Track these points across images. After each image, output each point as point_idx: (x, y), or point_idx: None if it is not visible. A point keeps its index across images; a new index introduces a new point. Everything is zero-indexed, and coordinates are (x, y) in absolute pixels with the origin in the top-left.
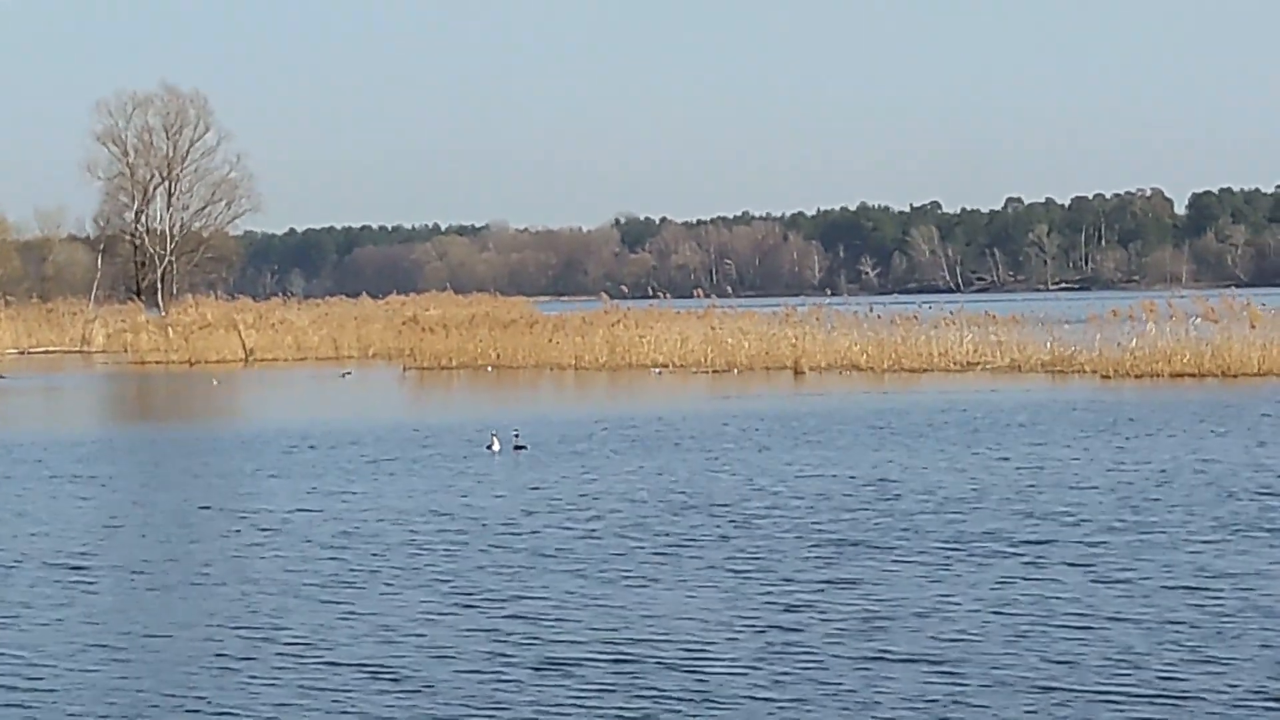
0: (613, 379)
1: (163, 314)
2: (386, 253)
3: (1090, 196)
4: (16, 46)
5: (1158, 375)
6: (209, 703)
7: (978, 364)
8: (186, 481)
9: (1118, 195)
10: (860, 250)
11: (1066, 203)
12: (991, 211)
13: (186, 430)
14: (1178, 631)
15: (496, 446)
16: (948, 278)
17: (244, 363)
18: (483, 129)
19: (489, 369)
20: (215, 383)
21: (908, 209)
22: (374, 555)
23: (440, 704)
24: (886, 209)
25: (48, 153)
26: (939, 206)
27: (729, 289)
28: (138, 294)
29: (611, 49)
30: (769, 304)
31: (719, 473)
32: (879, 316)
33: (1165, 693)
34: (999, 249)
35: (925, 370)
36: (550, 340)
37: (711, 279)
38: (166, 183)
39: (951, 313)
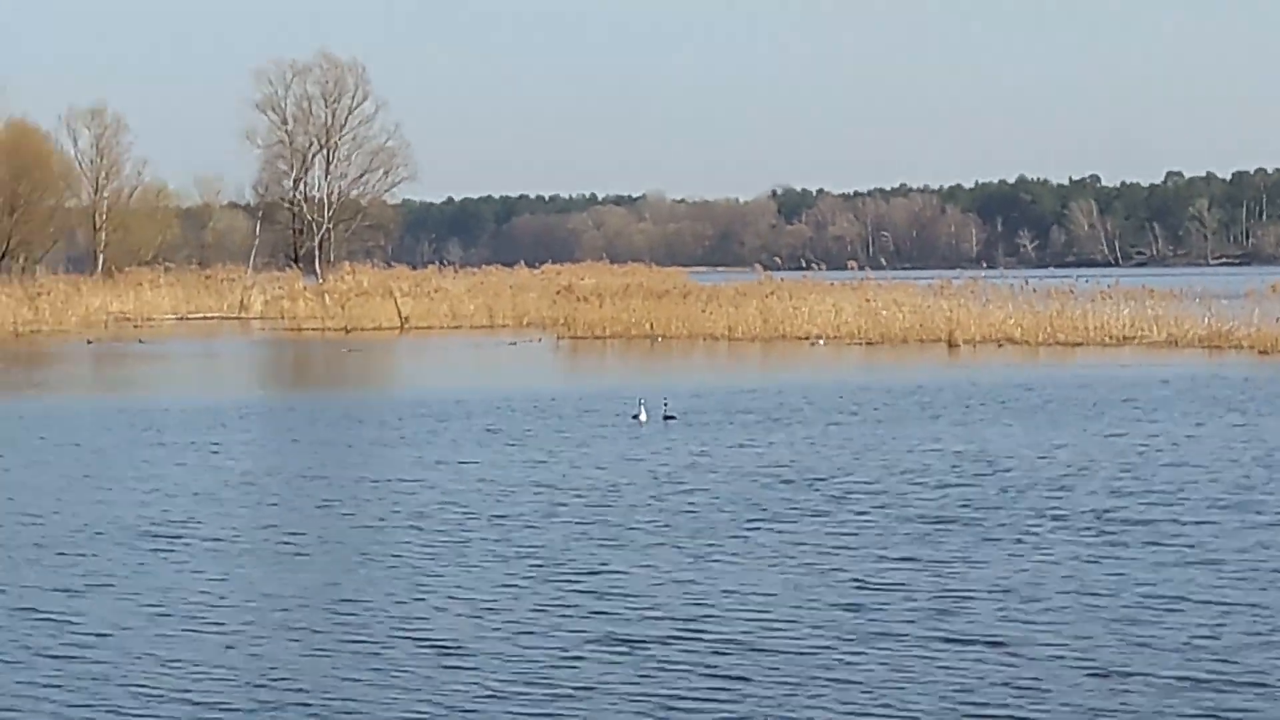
0: (766, 350)
1: (320, 281)
2: (543, 222)
3: (1252, 171)
4: (177, 15)
5: None
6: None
7: (1133, 338)
8: (318, 449)
9: (1279, 169)
10: (1018, 223)
11: (1228, 177)
12: (1151, 185)
13: (333, 397)
14: (1263, 619)
15: (644, 416)
16: (1106, 251)
17: (399, 330)
18: (640, 100)
19: (660, 338)
20: (346, 351)
21: (1067, 182)
22: (481, 526)
23: (499, 679)
24: (1045, 181)
25: (209, 121)
26: (1098, 179)
27: (884, 261)
28: (295, 261)
29: (769, 19)
30: (925, 276)
31: (848, 447)
32: (1034, 290)
33: (1248, 681)
34: (1158, 223)
35: (1080, 344)
36: (704, 311)
37: (867, 251)
38: (324, 151)
39: (1108, 287)
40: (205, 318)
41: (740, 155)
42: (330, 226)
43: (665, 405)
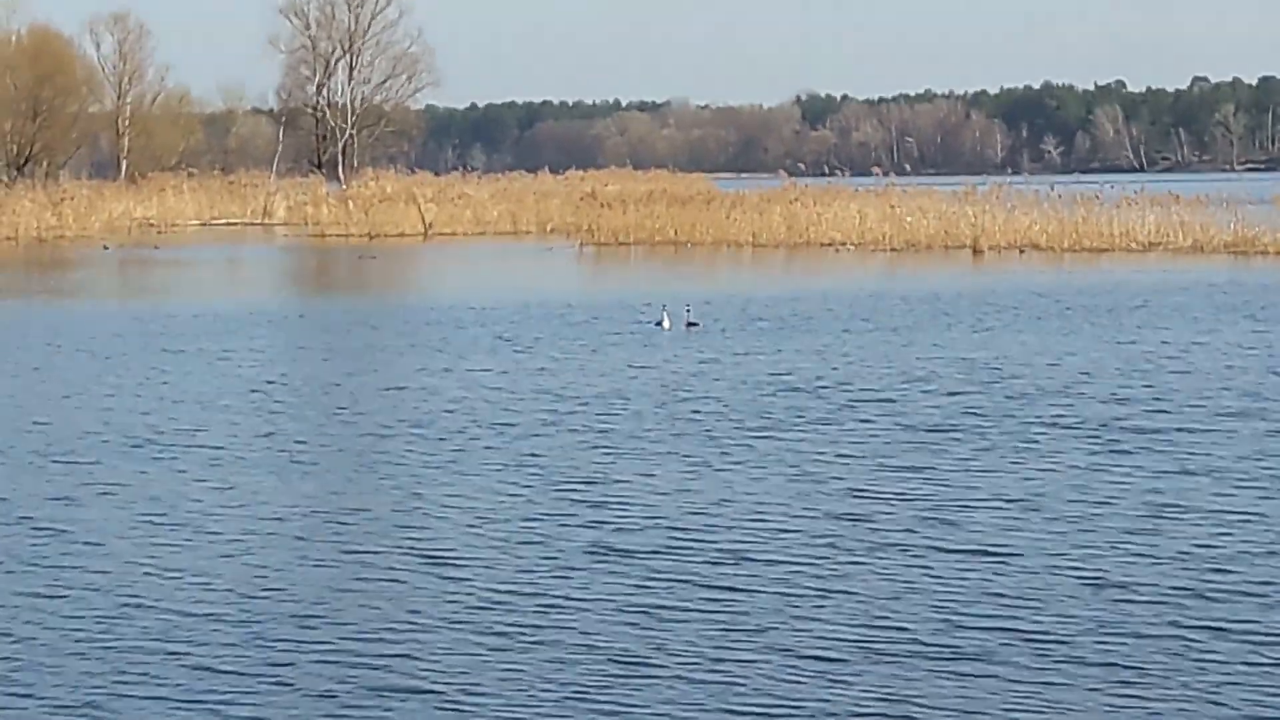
0: (790, 256)
1: (343, 187)
2: (567, 129)
3: (1278, 76)
4: None
5: None
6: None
7: (1159, 244)
8: (328, 356)
9: None
10: (1043, 129)
11: (1254, 82)
12: (1177, 91)
13: (349, 304)
14: (1261, 529)
15: (668, 324)
16: (1132, 157)
17: (423, 237)
18: (664, 4)
19: (685, 244)
20: (359, 257)
21: (1092, 88)
22: (483, 434)
23: (490, 589)
24: (1071, 87)
25: (232, 27)
26: (1124, 85)
27: (908, 168)
28: (319, 167)
29: None
30: (949, 183)
31: (860, 355)
32: (1060, 196)
33: (1245, 591)
34: (1184, 129)
35: (1106, 250)
36: (728, 217)
37: (892, 157)
38: (348, 56)
39: (1134, 193)
40: (229, 224)
41: (765, 61)
42: (354, 132)
43: (688, 312)
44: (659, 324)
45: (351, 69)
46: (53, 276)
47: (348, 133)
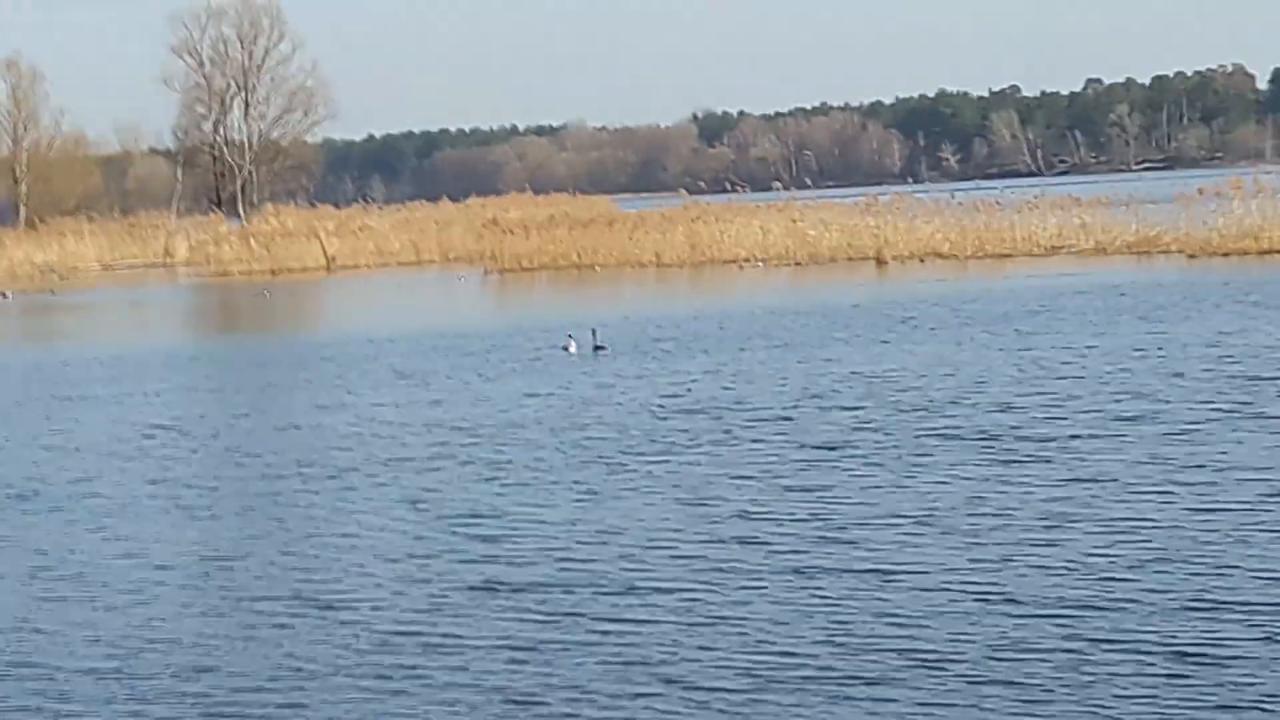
0: (695, 275)
1: (244, 224)
2: (465, 156)
3: (1171, 75)
4: None
5: (1246, 253)
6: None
7: (1062, 247)
8: (222, 397)
9: (1199, 73)
10: (940, 137)
11: (1147, 82)
12: (1071, 93)
13: (246, 343)
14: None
15: (574, 348)
16: (1029, 162)
17: (326, 270)
18: (556, 27)
19: (590, 267)
20: (256, 295)
21: (986, 94)
22: (373, 470)
23: (371, 631)
24: (965, 94)
25: (125, 67)
26: (1018, 90)
27: (808, 181)
28: (219, 205)
29: None
30: (850, 194)
31: (754, 374)
32: (960, 203)
33: (1130, 600)
34: (1080, 131)
35: (1009, 256)
36: (631, 239)
37: (791, 171)
38: (243, 93)
39: (1034, 197)
40: (131, 266)
41: (660, 80)
42: (252, 169)
43: (595, 336)
44: (565, 349)
45: (247, 105)
46: None
47: (246, 169)
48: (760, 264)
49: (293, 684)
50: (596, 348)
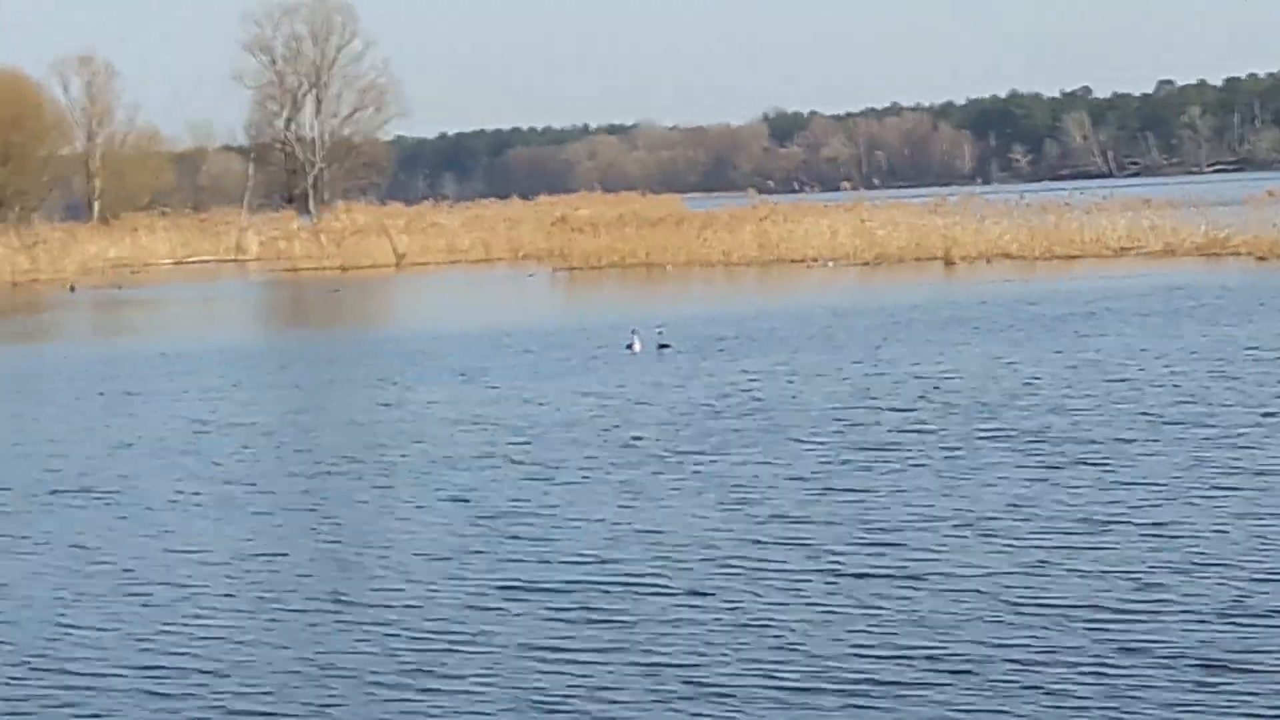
0: (762, 274)
1: (315, 221)
2: (537, 154)
3: (1244, 77)
4: None
5: None
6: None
7: (1131, 249)
8: (280, 393)
9: (1272, 75)
10: (1011, 138)
11: (1219, 83)
12: (1143, 95)
13: (310, 339)
14: (1175, 541)
15: (638, 346)
16: (1100, 163)
17: (395, 267)
18: (631, 26)
19: (660, 266)
20: (337, 291)
21: (1058, 95)
22: (420, 467)
23: (397, 631)
24: (1037, 95)
25: (198, 64)
26: (1090, 91)
27: (876, 181)
28: (290, 202)
29: None
30: (919, 195)
31: (810, 373)
32: (1029, 204)
33: (1165, 609)
34: (1151, 133)
35: (1077, 257)
36: (699, 238)
37: (861, 171)
38: (315, 90)
39: (1104, 198)
40: (202, 261)
41: (732, 79)
42: (323, 166)
43: (659, 334)
44: (629, 347)
45: (319, 103)
46: (13, 320)
47: (317, 166)
48: (828, 264)
49: (320, 683)
50: (661, 346)
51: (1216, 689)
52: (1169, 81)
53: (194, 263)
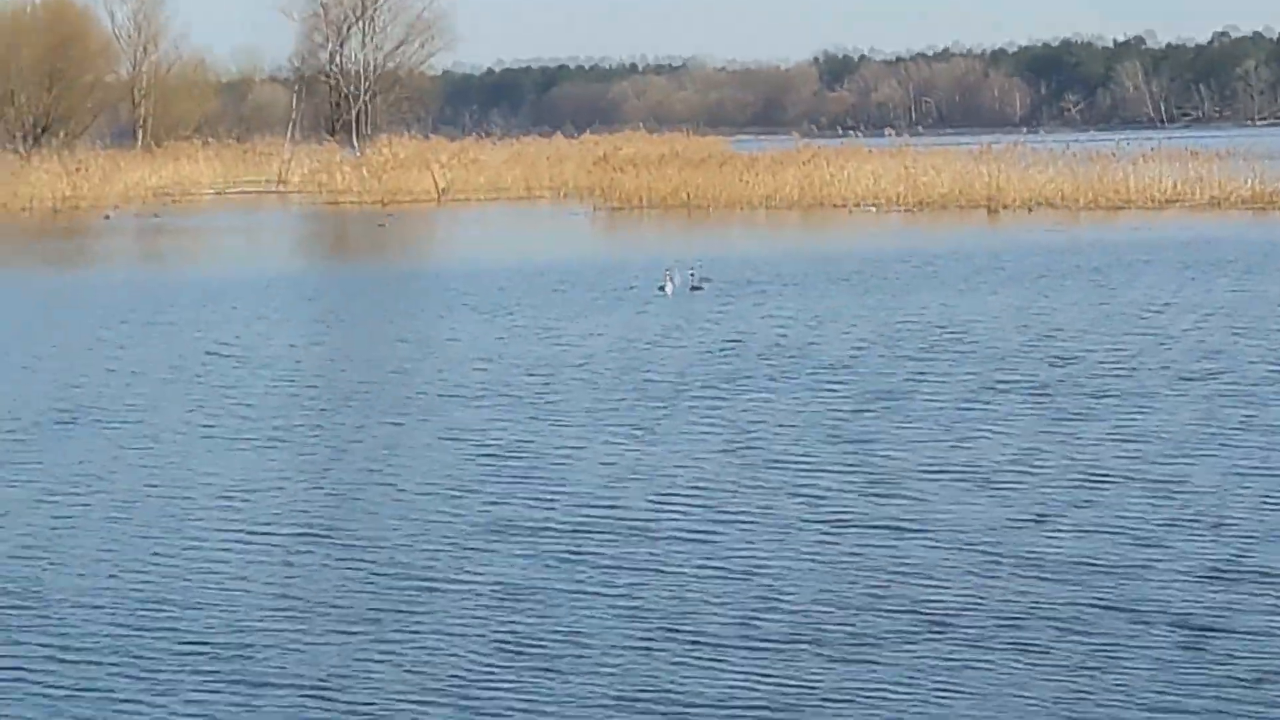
0: (804, 217)
1: (358, 153)
2: (585, 91)
3: None
4: None
5: None
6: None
7: (1177, 200)
8: (299, 325)
9: None
10: (1064, 85)
11: (1276, 35)
12: (1199, 45)
13: (340, 271)
14: (1179, 497)
15: (670, 287)
16: (1152, 113)
17: (437, 201)
18: None
19: (698, 206)
20: (383, 224)
21: (1112, 43)
22: (425, 403)
23: (381, 569)
24: (1091, 43)
25: None
26: (1144, 41)
27: (920, 129)
28: (334, 133)
29: None
30: (968, 141)
31: (836, 317)
32: (1077, 153)
33: (1161, 566)
34: (1206, 83)
35: (1122, 207)
36: (742, 179)
37: (911, 116)
38: (361, 22)
39: (1152, 148)
40: (243, 191)
41: (783, 20)
42: (368, 98)
43: (693, 275)
44: (661, 288)
45: (365, 35)
46: (46, 245)
47: (362, 98)
48: (871, 208)
49: (299, 618)
50: (694, 287)
51: (1201, 649)
52: (1225, 33)
53: (236, 192)
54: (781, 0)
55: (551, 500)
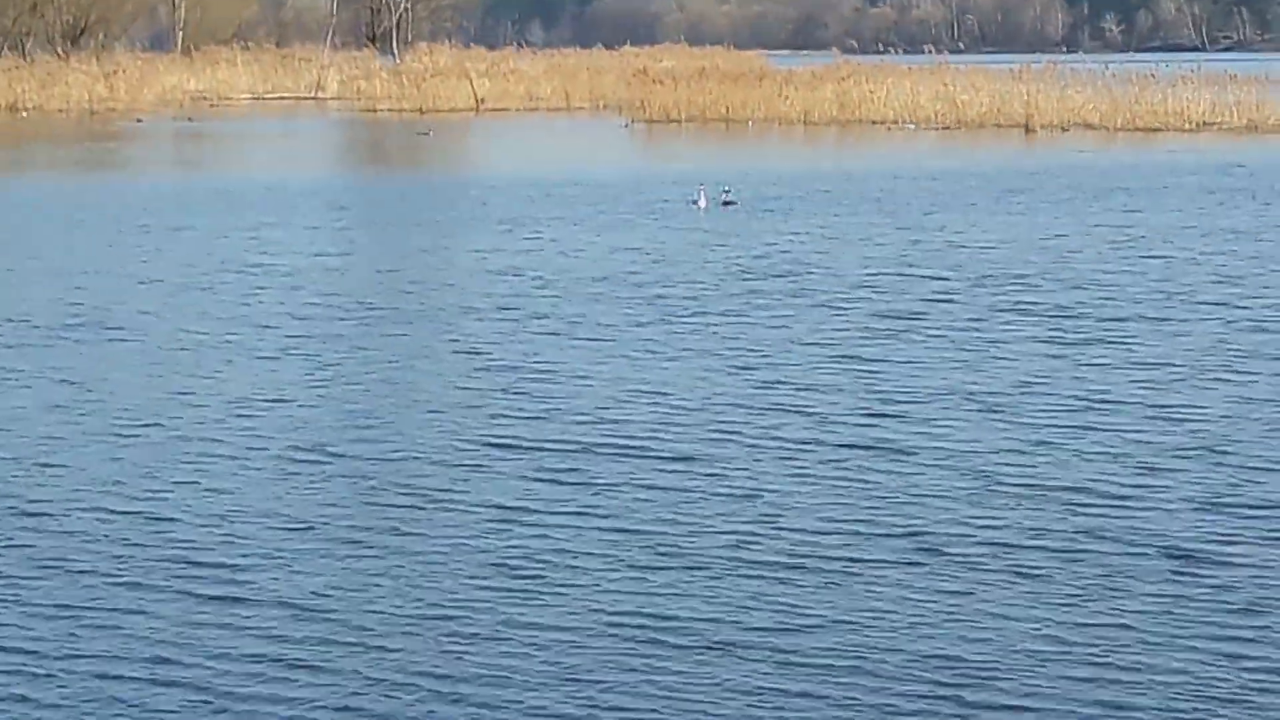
0: (841, 135)
1: (396, 62)
2: (626, 5)
3: None
4: None
5: None
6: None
7: (1214, 124)
8: (316, 234)
9: None
10: (1104, 7)
11: None
12: None
13: (367, 180)
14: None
15: (703, 202)
16: (1193, 35)
17: (474, 111)
18: None
19: (738, 121)
20: (427, 133)
21: None
22: (450, 317)
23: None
24: None
25: None
26: None
27: (963, 46)
28: (373, 41)
29: None
30: (1007, 61)
31: (855, 237)
32: (1115, 75)
33: (1150, 496)
34: (1246, 7)
35: (1158, 130)
36: (780, 95)
37: (952, 34)
38: None
39: (1190, 71)
40: (280, 98)
41: None
42: (407, 6)
43: (726, 192)
44: (694, 202)
45: None
46: (76, 149)
47: (402, 6)
48: (909, 126)
49: (285, 537)
50: (725, 203)
51: (1196, 579)
52: None
53: (272, 98)
54: None
55: (552, 419)
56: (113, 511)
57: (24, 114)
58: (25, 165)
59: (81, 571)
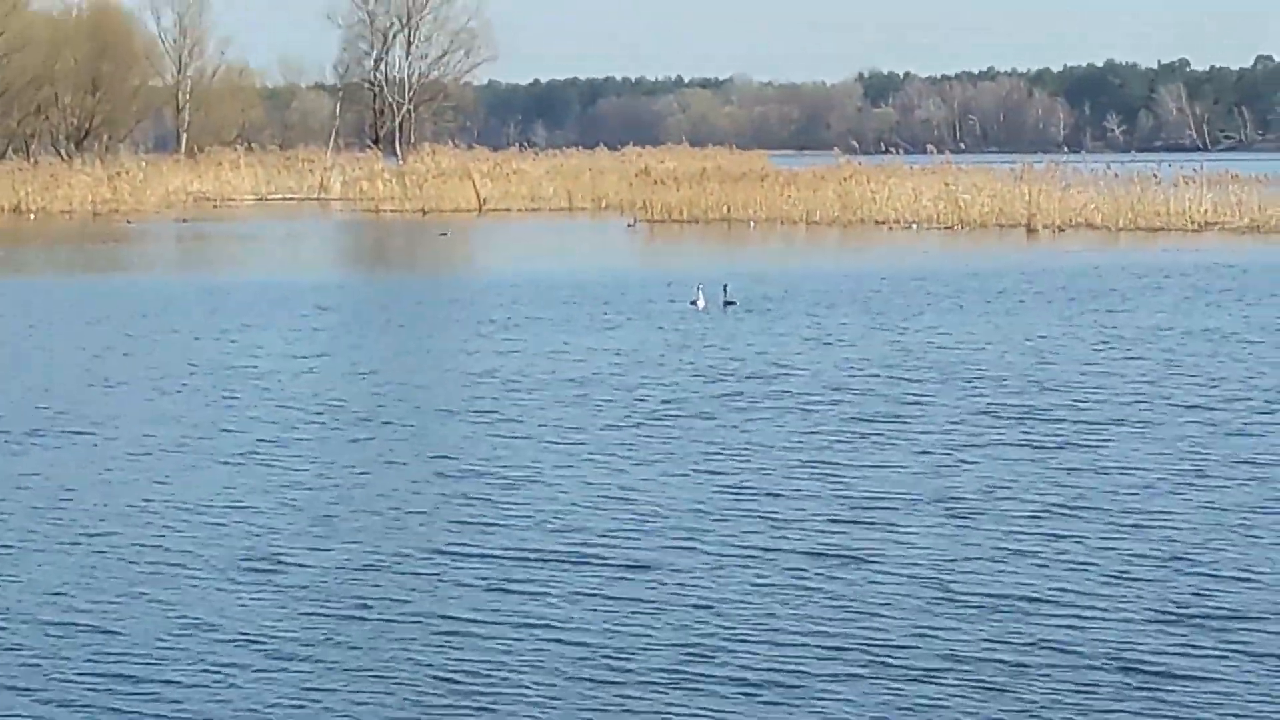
0: (843, 235)
1: (400, 162)
2: (629, 105)
3: None
4: None
5: None
6: None
7: (1216, 224)
8: (313, 336)
9: None
10: (1106, 108)
11: None
12: (1241, 69)
13: (363, 282)
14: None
15: (702, 302)
16: (1194, 136)
17: (477, 212)
18: None
19: (739, 222)
20: (445, 234)
21: (1155, 66)
22: (420, 420)
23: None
24: (1134, 66)
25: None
26: (1187, 64)
27: (964, 145)
28: (376, 142)
29: None
30: (1010, 161)
31: (839, 339)
32: (1117, 175)
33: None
34: (1248, 108)
35: (1161, 229)
36: (782, 195)
37: (954, 135)
38: (405, 30)
39: (1192, 171)
40: (284, 199)
41: (827, 37)
42: (411, 108)
43: (725, 291)
44: (693, 303)
45: (409, 44)
46: (74, 250)
47: (405, 108)
48: (911, 226)
49: (224, 650)
50: (727, 303)
51: (1152, 697)
52: (1268, 57)
53: (276, 199)
54: (825, 20)
55: (511, 525)
56: (51, 623)
57: (30, 216)
58: (20, 266)
59: (12, 688)
